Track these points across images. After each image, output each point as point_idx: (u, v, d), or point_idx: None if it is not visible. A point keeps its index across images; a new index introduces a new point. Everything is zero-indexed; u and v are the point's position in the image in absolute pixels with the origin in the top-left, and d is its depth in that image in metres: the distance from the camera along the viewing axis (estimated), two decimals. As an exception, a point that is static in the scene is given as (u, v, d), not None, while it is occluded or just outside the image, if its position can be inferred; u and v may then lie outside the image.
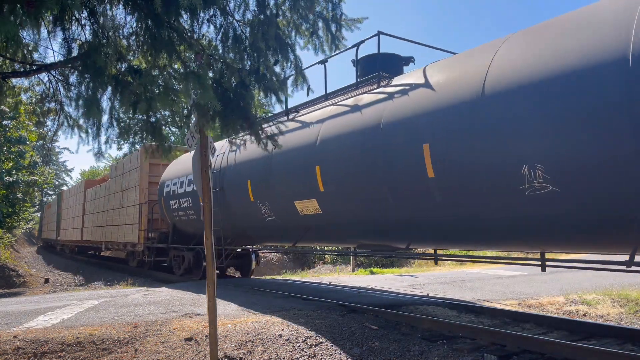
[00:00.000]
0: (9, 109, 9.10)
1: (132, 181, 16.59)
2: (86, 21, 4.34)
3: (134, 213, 16.04)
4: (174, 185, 12.85)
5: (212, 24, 4.66)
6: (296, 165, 8.25)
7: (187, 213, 12.22)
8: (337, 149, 7.47)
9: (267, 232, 10.09)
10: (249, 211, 9.61)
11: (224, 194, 10.38)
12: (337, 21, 5.02)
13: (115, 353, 6.00)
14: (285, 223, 9.00)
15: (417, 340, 5.75)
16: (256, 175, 9.26)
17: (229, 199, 10.27)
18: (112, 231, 18.85)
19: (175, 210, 12.83)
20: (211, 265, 5.38)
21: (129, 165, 17.32)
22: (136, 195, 15.97)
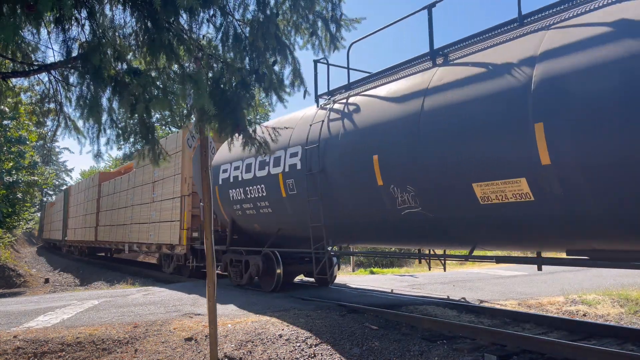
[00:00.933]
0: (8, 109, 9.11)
1: (170, 169, 13.79)
2: (86, 21, 4.33)
3: (173, 208, 13.40)
4: (236, 169, 9.99)
5: (211, 23, 4.66)
6: (484, 123, 5.19)
7: (258, 205, 9.43)
8: (587, 92, 4.38)
9: (397, 232, 7.03)
10: (371, 201, 6.85)
11: (326, 177, 7.52)
12: (336, 21, 5.02)
13: (115, 353, 6.00)
14: (439, 216, 6.06)
15: (417, 340, 5.75)
16: (390, 146, 6.40)
17: (334, 185, 7.42)
18: (141, 230, 16.12)
19: (238, 202, 9.97)
20: (211, 265, 5.38)
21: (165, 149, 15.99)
22: (176, 186, 13.33)
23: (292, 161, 8.33)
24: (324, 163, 7.58)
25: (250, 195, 9.56)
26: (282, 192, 8.52)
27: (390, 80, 7.21)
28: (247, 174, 9.59)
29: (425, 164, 5.90)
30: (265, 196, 9.08)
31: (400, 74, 7.18)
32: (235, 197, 10.02)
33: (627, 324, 7.21)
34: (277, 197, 8.74)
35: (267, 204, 9.14)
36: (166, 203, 14.01)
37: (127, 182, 18.44)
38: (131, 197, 17.53)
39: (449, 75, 5.93)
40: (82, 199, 26.32)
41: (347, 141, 7.24)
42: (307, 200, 7.90)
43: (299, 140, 8.32)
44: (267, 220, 9.44)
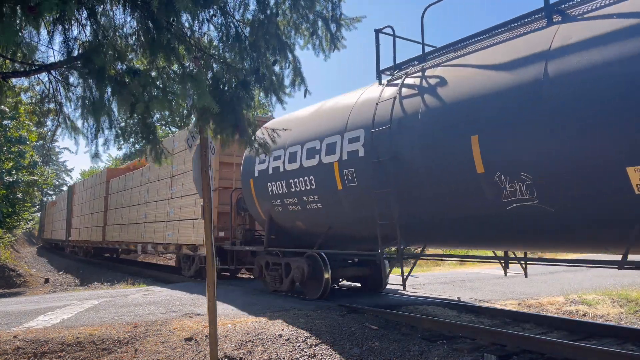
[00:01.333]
0: (8, 109, 9.11)
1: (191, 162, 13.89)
2: (86, 21, 4.34)
3: (196, 204, 12.24)
4: (276, 160, 8.76)
5: (211, 24, 4.66)
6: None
7: (304, 200, 8.13)
8: None
9: (497, 231, 5.87)
10: (464, 192, 5.64)
11: (400, 165, 6.29)
12: (336, 21, 5.02)
13: (115, 353, 6.00)
14: (566, 212, 4.90)
15: (417, 340, 5.75)
16: (496, 124, 5.24)
17: (411, 174, 6.20)
18: (157, 229, 14.79)
19: (278, 196, 8.76)
20: (211, 265, 5.39)
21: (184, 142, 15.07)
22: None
23: (352, 147, 7.07)
24: (398, 148, 6.31)
25: (295, 189, 8.24)
26: (338, 184, 7.31)
27: (482, 47, 6.02)
28: (290, 164, 8.32)
29: (552, 144, 4.69)
30: (314, 189, 7.83)
31: (495, 39, 5.94)
32: (275, 191, 8.76)
33: (627, 324, 7.21)
34: (330, 190, 7.54)
35: (316, 198, 7.89)
36: (188, 199, 12.75)
37: (139, 178, 17.02)
38: (145, 193, 16.21)
39: (579, 33, 4.78)
40: (87, 196, 24.94)
41: (430, 120, 5.97)
42: (372, 193, 6.66)
43: (360, 122, 7.08)
44: (315, 217, 8.18)
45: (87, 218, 24.47)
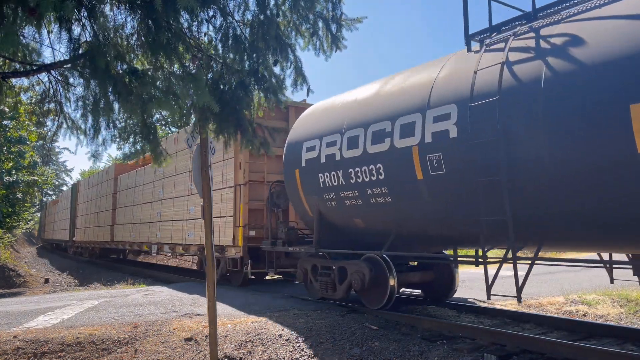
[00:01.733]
0: (8, 109, 9.11)
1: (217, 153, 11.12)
2: (86, 21, 4.34)
3: (222, 201, 11.09)
4: (331, 145, 7.55)
5: (211, 24, 4.66)
6: None
7: (368, 193, 6.95)
8: None
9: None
10: (615, 179, 4.51)
11: (514, 146, 5.17)
12: (337, 21, 5.01)
13: (115, 353, 6.00)
14: None
15: (417, 340, 5.75)
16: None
17: (531, 157, 5.07)
18: (174, 229, 13.49)
19: (332, 189, 7.54)
20: (211, 265, 5.39)
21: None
22: (227, 173, 11.02)
23: (439, 127, 5.88)
24: (511, 125, 5.16)
25: (355, 180, 7.04)
26: (417, 173, 6.12)
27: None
28: (350, 150, 7.13)
29: None
30: (383, 180, 6.66)
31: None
32: (329, 182, 7.56)
33: (627, 324, 7.21)
34: (404, 180, 6.37)
35: (384, 190, 6.68)
36: (216, 193, 11.27)
37: (153, 174, 15.59)
38: (159, 190, 14.86)
39: None
40: (93, 194, 23.49)
41: (561, 89, 4.81)
42: (470, 182, 5.51)
43: (450, 95, 5.90)
44: (381, 213, 6.97)
45: (92, 217, 23.22)
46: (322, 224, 8.10)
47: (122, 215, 18.86)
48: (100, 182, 22.71)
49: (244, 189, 10.50)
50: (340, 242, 8.03)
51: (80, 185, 28.30)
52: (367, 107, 7.24)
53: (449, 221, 6.25)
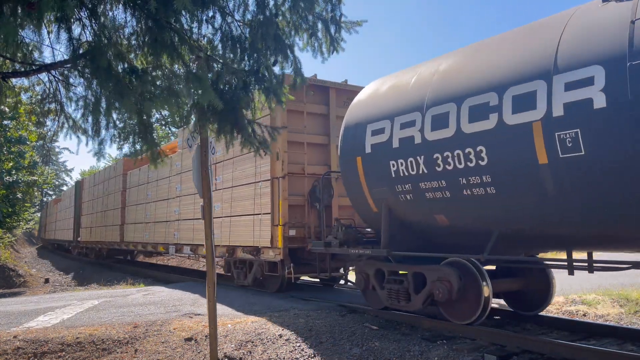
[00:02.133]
0: (8, 108, 9.11)
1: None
2: (87, 21, 4.35)
3: (256, 196, 9.75)
4: (407, 126, 6.34)
5: (210, 24, 4.67)
6: None
7: (460, 184, 5.76)
8: None
9: None
10: None
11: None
12: (336, 22, 5.01)
13: (115, 353, 6.01)
14: None
15: (417, 340, 5.75)
16: None
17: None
18: (196, 228, 12.29)
19: (408, 180, 6.35)
20: (211, 265, 5.39)
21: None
22: (261, 165, 9.67)
23: (574, 95, 4.72)
24: None
25: (442, 167, 5.87)
26: (539, 156, 4.98)
27: None
28: (436, 131, 5.93)
29: None
30: (485, 166, 5.47)
31: None
32: (404, 171, 6.35)
33: (627, 324, 7.21)
34: (519, 165, 5.20)
35: (487, 179, 5.49)
36: (243, 190, 10.24)
37: (169, 168, 14.03)
38: (177, 185, 13.50)
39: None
40: (100, 192, 22.11)
41: None
42: (622, 166, 4.47)
43: (588, 54, 4.72)
44: (477, 207, 5.77)
45: (99, 216, 21.82)
46: (392, 222, 6.82)
47: (133, 213, 17.41)
48: (107, 178, 21.15)
49: (283, 182, 9.11)
50: (413, 243, 6.78)
51: (84, 182, 26.61)
52: (458, 78, 5.96)
53: (582, 218, 5.01)
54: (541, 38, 5.32)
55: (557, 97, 4.88)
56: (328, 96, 9.99)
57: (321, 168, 9.60)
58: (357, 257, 7.74)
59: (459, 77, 6.01)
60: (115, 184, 19.63)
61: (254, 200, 9.80)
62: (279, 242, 9.03)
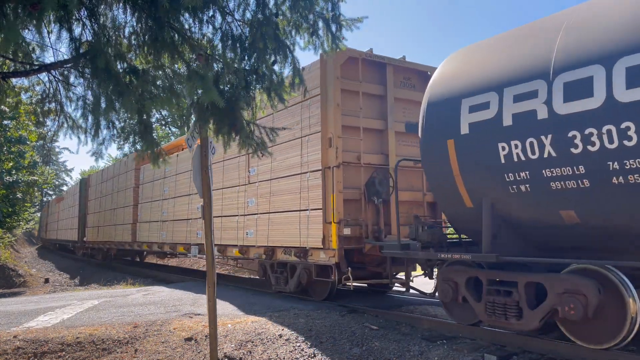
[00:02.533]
0: (8, 108, 9.12)
1: (292, 126, 8.76)
2: (87, 21, 4.35)
3: (302, 189, 8.43)
4: (522, 99, 5.10)
5: (210, 24, 4.67)
6: None
7: (611, 169, 4.50)
8: None
9: None
10: None
11: None
12: (337, 21, 5.02)
13: (115, 353, 6.00)
14: None
15: (417, 340, 5.75)
16: None
17: None
18: (225, 227, 10.81)
19: (526, 165, 5.12)
20: (211, 265, 5.39)
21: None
22: (309, 153, 8.33)
23: None
24: None
25: (581, 149, 4.63)
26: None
27: None
28: (572, 102, 4.67)
29: None
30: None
31: None
32: (520, 156, 5.12)
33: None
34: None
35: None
36: (285, 182, 8.91)
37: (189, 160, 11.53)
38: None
39: None
40: (108, 189, 20.60)
41: None
42: None
43: None
44: (633, 200, 4.50)
45: (108, 214, 20.30)
46: (496, 219, 5.61)
47: (148, 211, 15.87)
48: (117, 174, 19.44)
49: (337, 172, 7.78)
50: (517, 246, 5.65)
51: (91, 179, 24.86)
52: (605, 30, 4.64)
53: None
54: None
55: None
56: (385, 74, 8.65)
57: (378, 157, 8.41)
58: (437, 262, 6.57)
59: (607, 27, 4.63)
60: (127, 179, 18.02)
61: (300, 194, 8.46)
62: (333, 242, 7.66)
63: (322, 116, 8.04)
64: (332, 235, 7.69)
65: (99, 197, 22.28)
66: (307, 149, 8.39)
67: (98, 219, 22.11)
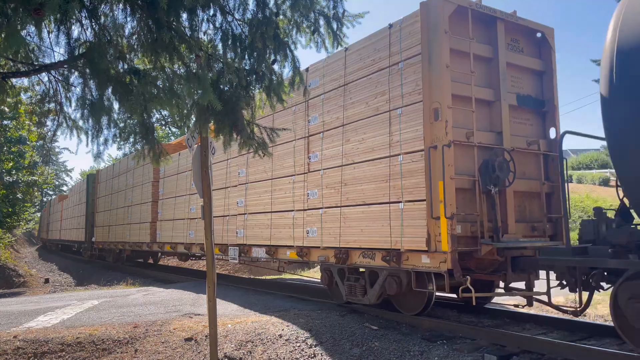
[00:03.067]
0: (8, 109, 9.11)
1: (378, 98, 7.03)
2: (87, 21, 4.35)
3: (391, 176, 6.72)
4: None
5: (211, 23, 4.68)
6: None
7: None
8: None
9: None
10: None
11: None
12: (338, 19, 5.02)
13: (115, 353, 6.00)
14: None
15: (417, 340, 5.75)
16: None
17: None
18: (276, 224, 9.05)
19: None
20: (211, 265, 5.39)
21: (371, 56, 7.22)
22: (402, 132, 6.62)
23: None
24: None
25: None
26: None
27: None
28: None
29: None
30: None
31: None
32: None
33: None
34: None
35: None
36: (365, 168, 7.16)
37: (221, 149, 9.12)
38: (240, 170, 10.40)
39: None
40: (121, 184, 18.87)
41: None
42: None
43: None
44: None
45: (121, 212, 18.54)
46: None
47: (171, 208, 14.05)
48: (131, 168, 17.64)
49: (448, 153, 6.07)
50: None
51: (100, 175, 22.94)
52: None
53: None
54: None
55: None
56: (495, 32, 6.90)
57: (488, 135, 6.68)
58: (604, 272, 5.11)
59: None
60: (144, 173, 16.14)
61: (389, 182, 6.72)
62: (444, 243, 5.94)
63: (425, 82, 6.28)
64: (442, 234, 5.97)
65: (110, 194, 20.48)
66: (400, 125, 6.63)
67: (109, 217, 20.35)
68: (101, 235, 21.28)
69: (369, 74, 7.14)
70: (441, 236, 6.00)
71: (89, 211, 23.55)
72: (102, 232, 21.11)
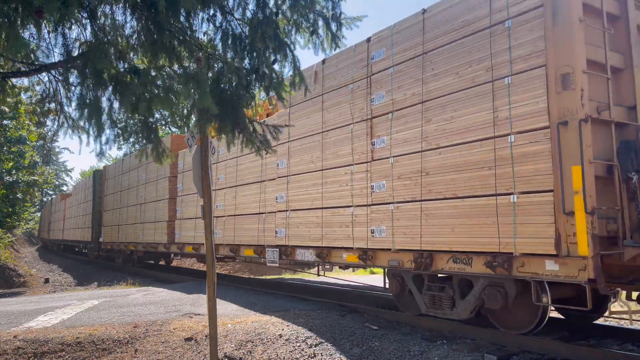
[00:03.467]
0: (8, 108, 9.11)
1: (500, 59, 5.48)
2: (86, 21, 4.35)
3: (499, 162, 5.38)
4: None
5: (211, 23, 4.68)
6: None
7: None
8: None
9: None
10: None
11: None
12: (337, 20, 5.03)
13: (115, 353, 6.01)
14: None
15: (417, 340, 5.75)
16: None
17: None
18: (327, 222, 7.76)
19: None
20: (211, 265, 5.39)
21: (461, 16, 5.95)
22: (513, 106, 5.30)
23: None
24: None
25: None
26: None
27: None
28: None
29: None
30: None
31: None
32: None
33: (627, 324, 7.21)
34: None
35: None
36: (457, 154, 5.88)
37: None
38: (279, 161, 9.08)
39: None
40: (132, 181, 17.60)
41: None
42: None
43: None
44: None
45: (132, 211, 17.28)
46: None
47: (192, 205, 12.69)
48: (144, 163, 15.89)
49: (586, 130, 4.82)
50: None
51: (107, 171, 21.42)
52: None
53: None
54: None
55: None
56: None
57: (618, 110, 5.31)
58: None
59: None
60: (159, 168, 14.77)
61: (495, 169, 5.44)
62: (581, 244, 4.70)
63: (549, 40, 5.03)
64: (580, 233, 4.73)
65: (119, 191, 19.02)
66: (509, 97, 5.36)
67: (118, 216, 18.93)
68: (109, 235, 19.93)
69: (459, 37, 5.90)
70: (577, 236, 4.74)
71: (95, 209, 22.02)
72: (111, 231, 19.76)
